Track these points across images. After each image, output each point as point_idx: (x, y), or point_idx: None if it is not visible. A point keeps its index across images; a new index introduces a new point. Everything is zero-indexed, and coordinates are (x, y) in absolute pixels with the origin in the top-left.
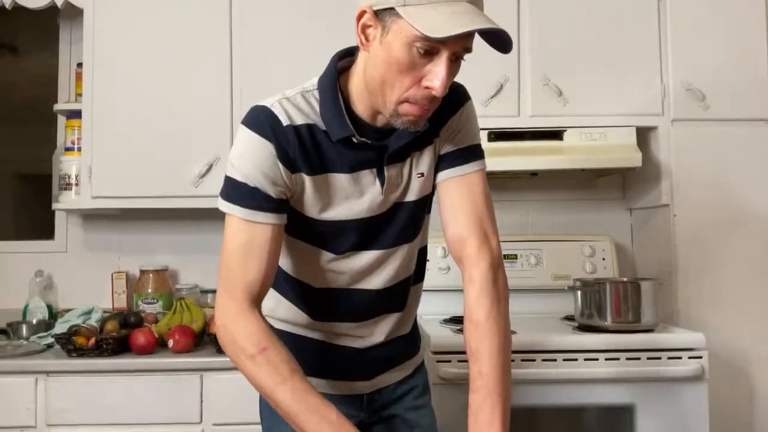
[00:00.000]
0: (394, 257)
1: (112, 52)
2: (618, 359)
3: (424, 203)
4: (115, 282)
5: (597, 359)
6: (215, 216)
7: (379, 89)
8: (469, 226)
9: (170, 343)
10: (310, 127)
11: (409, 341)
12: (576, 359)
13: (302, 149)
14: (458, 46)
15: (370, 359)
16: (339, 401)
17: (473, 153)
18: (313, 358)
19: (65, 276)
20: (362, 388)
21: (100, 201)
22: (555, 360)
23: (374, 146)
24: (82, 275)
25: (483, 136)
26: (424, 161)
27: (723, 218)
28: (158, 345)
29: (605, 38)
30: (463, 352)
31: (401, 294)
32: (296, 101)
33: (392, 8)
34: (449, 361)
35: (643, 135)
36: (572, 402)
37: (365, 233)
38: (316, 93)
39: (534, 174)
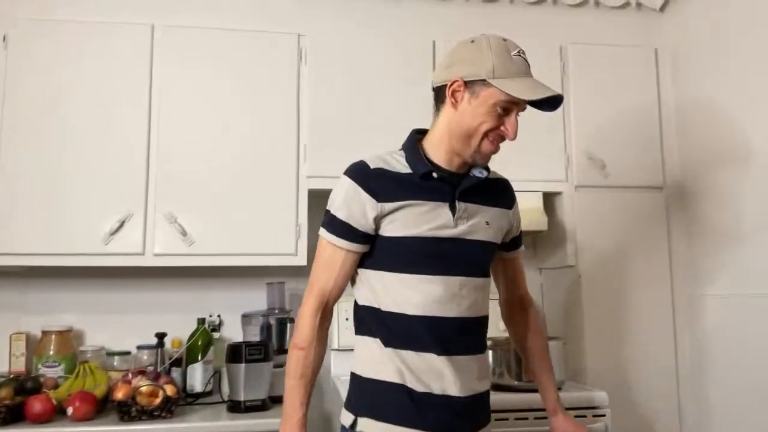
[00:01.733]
0: (468, 289)
1: (21, 100)
2: (527, 419)
3: (489, 250)
4: (13, 344)
5: (507, 419)
6: (125, 274)
7: (465, 135)
8: (521, 288)
9: (69, 410)
10: (395, 172)
11: (487, 402)
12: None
13: (386, 184)
14: (522, 107)
15: (462, 410)
16: None
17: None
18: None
19: None
20: None
21: (4, 258)
22: None
23: (449, 181)
24: None
25: None
26: (494, 216)
27: (623, 280)
28: (56, 413)
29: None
30: None
31: (478, 333)
32: (383, 156)
33: (484, 80)
34: None
35: (550, 200)
36: None
37: (443, 254)
38: (400, 152)
39: None
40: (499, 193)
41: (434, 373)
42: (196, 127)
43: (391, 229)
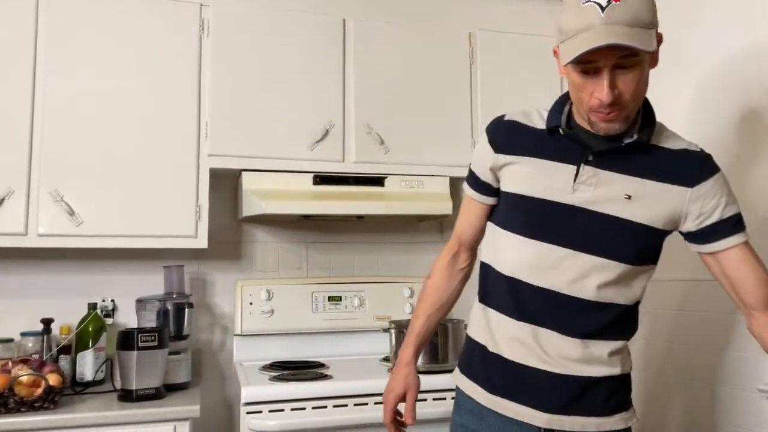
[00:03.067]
0: (574, 264)
1: None
2: (425, 400)
3: (629, 230)
4: None
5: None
6: (7, 255)
7: (577, 104)
8: (751, 292)
9: None
10: (527, 126)
11: (602, 392)
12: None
13: (512, 136)
14: (609, 60)
15: (548, 385)
16: (512, 428)
17: (741, 220)
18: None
19: None
20: (532, 418)
21: None
22: (366, 404)
23: (584, 142)
24: None
25: (308, 179)
26: (648, 191)
27: None
28: None
29: (423, 93)
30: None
31: (582, 315)
32: (530, 110)
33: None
34: (260, 412)
35: (456, 184)
36: None
37: (548, 220)
38: (544, 111)
39: (360, 217)
40: (675, 166)
41: (512, 339)
42: (87, 98)
43: (507, 183)
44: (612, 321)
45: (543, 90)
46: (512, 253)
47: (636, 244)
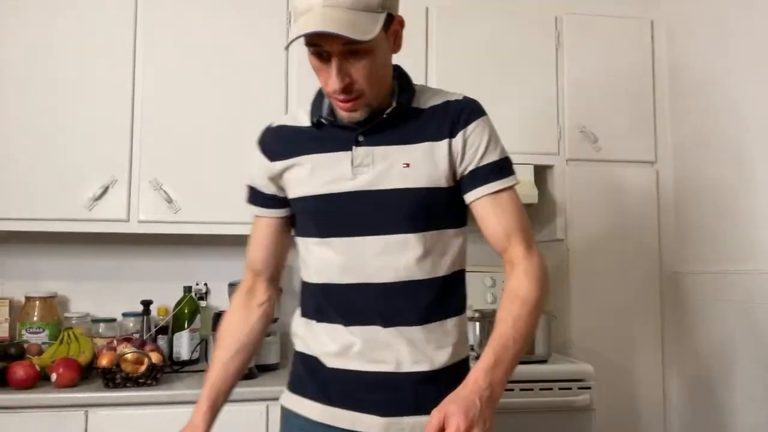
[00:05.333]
0: (380, 250)
1: (2, 55)
2: (512, 390)
3: (416, 199)
4: None
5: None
6: (110, 241)
7: (323, 90)
8: (507, 238)
9: (53, 377)
10: (295, 126)
11: (440, 385)
12: None
13: (282, 140)
14: (334, 46)
15: (383, 387)
16: None
17: (502, 168)
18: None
19: None
20: (370, 427)
21: None
22: None
23: (345, 127)
24: None
25: None
26: (420, 154)
27: (611, 255)
28: (40, 379)
29: (508, 79)
30: None
31: (400, 299)
32: (296, 109)
33: None
34: None
35: (541, 173)
36: None
37: (338, 212)
38: (309, 106)
39: None
40: (434, 121)
41: (339, 345)
42: (183, 91)
43: (290, 189)
44: (435, 298)
45: (632, 73)
46: (315, 259)
47: (429, 210)
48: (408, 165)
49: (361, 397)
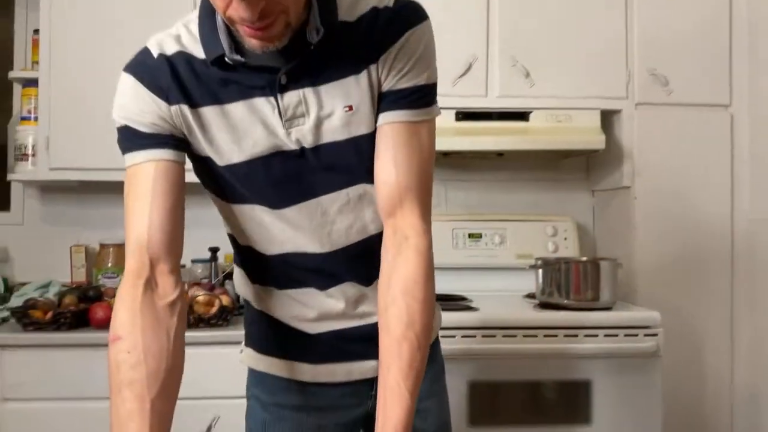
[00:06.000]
0: (349, 207)
1: (71, 18)
2: (576, 336)
3: (366, 144)
4: (74, 256)
5: (556, 335)
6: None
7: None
8: (401, 197)
9: None
10: (186, 56)
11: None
12: (536, 335)
13: (177, 79)
14: None
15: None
16: (342, 390)
17: (424, 95)
18: (287, 339)
19: (21, 249)
20: (366, 372)
21: (57, 173)
22: (515, 336)
23: (261, 67)
24: (39, 249)
25: (450, 116)
26: (353, 92)
27: (681, 202)
28: None
29: (573, 21)
30: None
31: (373, 257)
32: (177, 31)
33: None
34: None
35: (608, 118)
36: (531, 377)
37: (283, 178)
38: (194, 24)
39: (500, 154)
40: (366, 39)
41: (319, 310)
42: None
43: (207, 151)
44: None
45: (707, 13)
46: (263, 230)
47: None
48: (350, 108)
49: (352, 350)
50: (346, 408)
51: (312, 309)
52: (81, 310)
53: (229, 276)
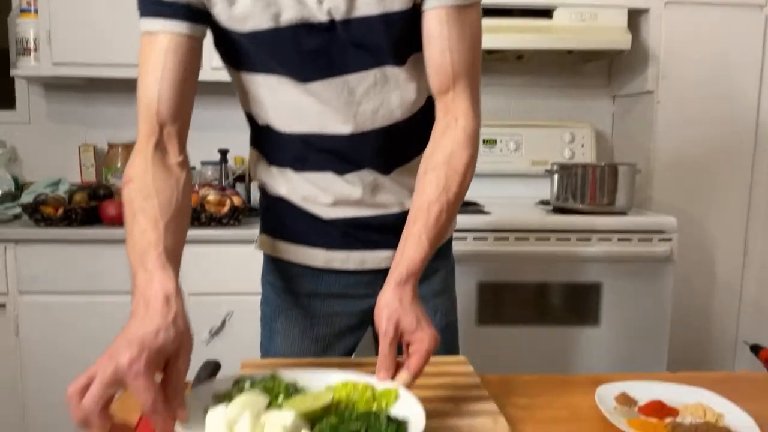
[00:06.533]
0: (377, 88)
1: None
2: (589, 240)
3: (395, 25)
4: (82, 155)
5: (569, 239)
6: None
7: None
8: (454, 80)
9: None
10: None
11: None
12: (548, 238)
13: None
14: None
15: (387, 225)
16: (355, 279)
17: None
18: (302, 224)
19: (29, 148)
20: (380, 261)
21: (61, 68)
22: (527, 239)
23: None
24: (47, 148)
25: None
26: None
27: (707, 108)
28: None
29: None
30: None
31: (403, 141)
32: None
33: None
34: None
35: (635, 18)
36: (541, 279)
37: (320, 50)
38: None
39: (520, 57)
40: None
41: (336, 195)
42: None
43: (230, 17)
44: (426, 132)
45: None
46: (286, 104)
47: (411, 35)
48: None
49: (366, 238)
50: (357, 297)
51: (328, 194)
52: (91, 207)
53: (239, 178)
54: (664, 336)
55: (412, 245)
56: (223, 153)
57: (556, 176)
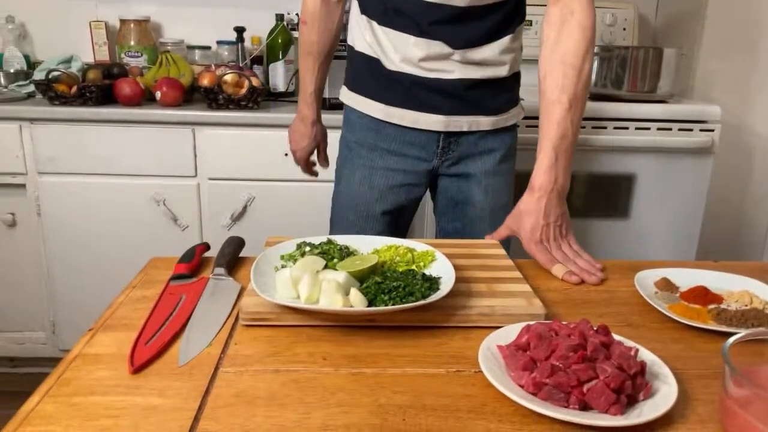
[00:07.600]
0: None
1: None
2: (627, 128)
3: None
4: (93, 32)
5: (605, 127)
6: None
7: None
8: None
9: (158, 95)
10: None
11: (498, 90)
12: (583, 126)
13: None
14: None
15: (445, 90)
16: (411, 137)
17: None
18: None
19: (39, 24)
20: (430, 124)
21: None
22: None
23: None
24: (57, 24)
25: None
26: None
27: None
28: (145, 98)
29: None
30: None
31: (477, 23)
32: None
33: None
34: None
35: None
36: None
37: None
38: None
39: None
40: None
41: (404, 53)
42: None
43: None
44: (503, 18)
45: None
46: None
47: None
48: None
49: (421, 99)
50: (413, 158)
51: (397, 52)
52: (106, 85)
53: (257, 60)
54: (695, 231)
55: (540, 157)
56: (239, 31)
57: (595, 60)
